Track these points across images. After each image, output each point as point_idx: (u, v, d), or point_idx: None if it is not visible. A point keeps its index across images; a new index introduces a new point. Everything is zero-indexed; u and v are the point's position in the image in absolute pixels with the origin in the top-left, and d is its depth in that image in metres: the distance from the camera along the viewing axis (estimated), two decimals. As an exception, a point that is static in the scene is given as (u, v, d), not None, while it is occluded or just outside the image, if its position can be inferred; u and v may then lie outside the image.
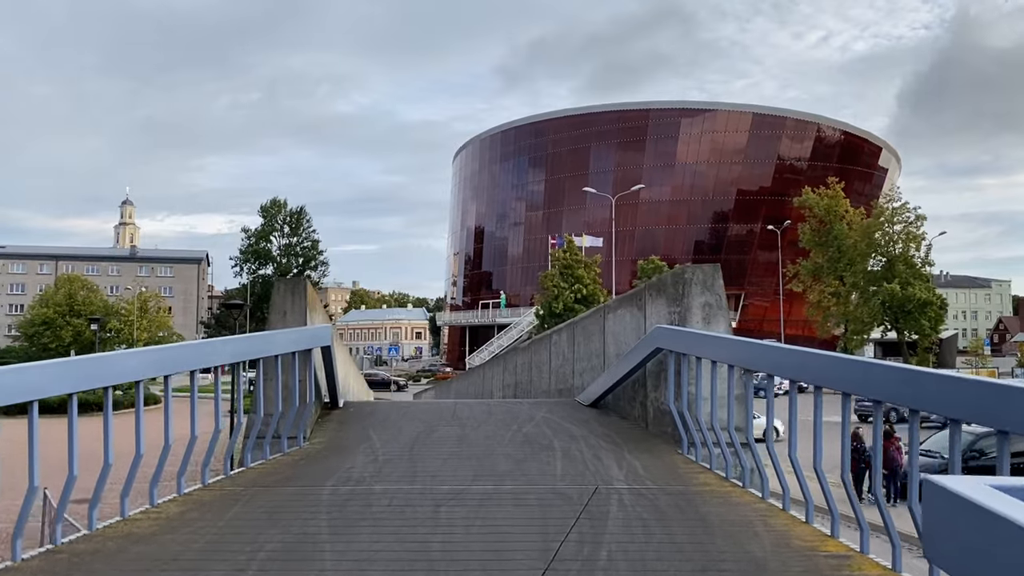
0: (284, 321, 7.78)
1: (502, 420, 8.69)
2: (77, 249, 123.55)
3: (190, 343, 5.74)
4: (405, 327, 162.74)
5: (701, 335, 6.33)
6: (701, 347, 6.28)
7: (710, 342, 6.15)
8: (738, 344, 5.70)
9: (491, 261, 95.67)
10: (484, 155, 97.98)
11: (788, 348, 5.12)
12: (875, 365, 4.35)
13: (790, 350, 5.08)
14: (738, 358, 5.59)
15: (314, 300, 8.46)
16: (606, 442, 7.50)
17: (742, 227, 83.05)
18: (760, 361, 5.25)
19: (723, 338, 6.00)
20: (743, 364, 5.52)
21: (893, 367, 4.09)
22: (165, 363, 5.40)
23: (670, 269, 63.36)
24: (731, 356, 5.79)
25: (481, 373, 20.85)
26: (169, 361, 5.43)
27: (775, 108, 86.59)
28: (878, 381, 4.06)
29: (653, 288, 8.09)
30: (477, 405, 9.93)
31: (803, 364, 4.61)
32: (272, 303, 7.84)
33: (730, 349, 5.80)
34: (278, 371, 6.80)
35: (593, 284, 61.36)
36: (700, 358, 6.39)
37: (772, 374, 5.26)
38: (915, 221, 56.02)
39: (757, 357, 5.26)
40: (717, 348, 6.02)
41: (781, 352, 5.09)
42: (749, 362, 5.40)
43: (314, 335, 7.41)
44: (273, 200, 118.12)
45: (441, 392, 31.21)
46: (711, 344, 6.12)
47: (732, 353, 5.77)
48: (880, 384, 4.01)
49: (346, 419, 8.87)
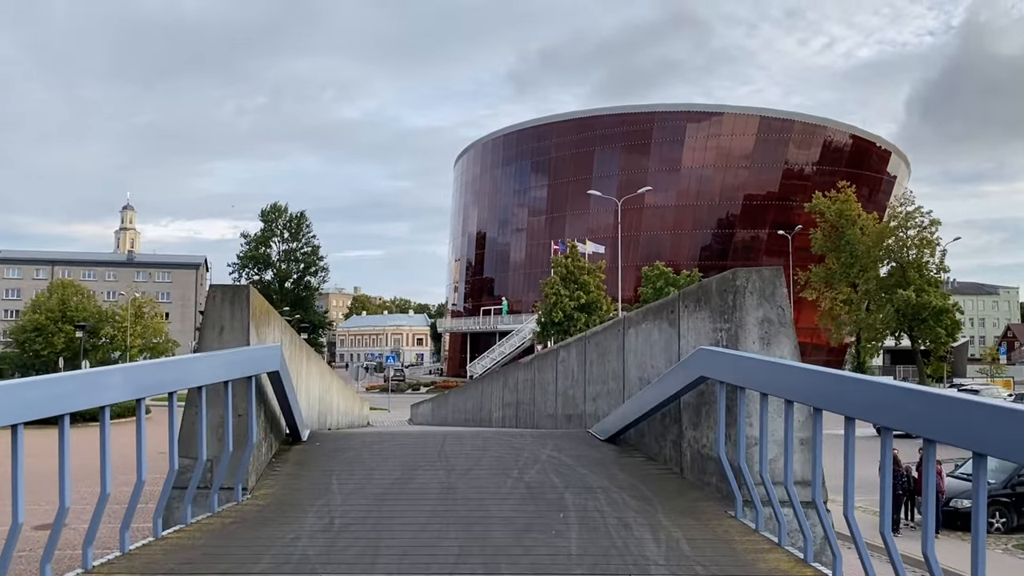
0: (220, 339, 6.10)
1: (499, 461, 6.99)
2: (74, 254, 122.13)
3: (51, 377, 4.08)
4: (406, 333, 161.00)
5: (769, 364, 4.62)
6: (768, 380, 4.58)
7: (782, 374, 4.45)
8: (827, 378, 3.99)
9: (493, 267, 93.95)
10: (486, 159, 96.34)
11: (918, 390, 3.42)
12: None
13: (923, 393, 3.38)
14: (834, 399, 3.89)
15: (264, 312, 6.77)
16: (633, 497, 5.80)
17: (749, 232, 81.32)
18: (882, 407, 3.53)
19: (800, 369, 4.30)
20: (841, 409, 3.82)
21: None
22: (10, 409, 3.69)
23: (675, 276, 62.11)
24: (815, 395, 4.09)
25: (479, 388, 19.15)
26: (17, 406, 3.72)
27: (782, 111, 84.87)
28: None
29: (690, 298, 6.40)
30: (470, 437, 8.22)
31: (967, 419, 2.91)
32: (205, 316, 6.16)
33: (815, 385, 4.09)
34: (202, 406, 5.11)
35: (596, 291, 59.61)
36: (767, 395, 4.69)
37: (904, 430, 3.52)
38: (929, 226, 54.36)
39: (878, 400, 3.54)
40: (793, 382, 4.31)
41: (912, 395, 3.38)
42: (856, 406, 3.68)
43: (253, 358, 5.72)
44: (273, 205, 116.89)
45: (437, 406, 29.52)
46: (783, 376, 4.42)
47: (818, 390, 4.07)
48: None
49: (307, 458, 7.17)
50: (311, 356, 10.79)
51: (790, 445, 4.50)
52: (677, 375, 6.04)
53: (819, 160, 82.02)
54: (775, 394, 4.53)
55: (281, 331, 7.79)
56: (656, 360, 7.13)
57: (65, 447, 3.81)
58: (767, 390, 4.60)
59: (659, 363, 7.05)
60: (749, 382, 4.83)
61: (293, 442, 7.87)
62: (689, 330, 6.39)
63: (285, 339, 8.09)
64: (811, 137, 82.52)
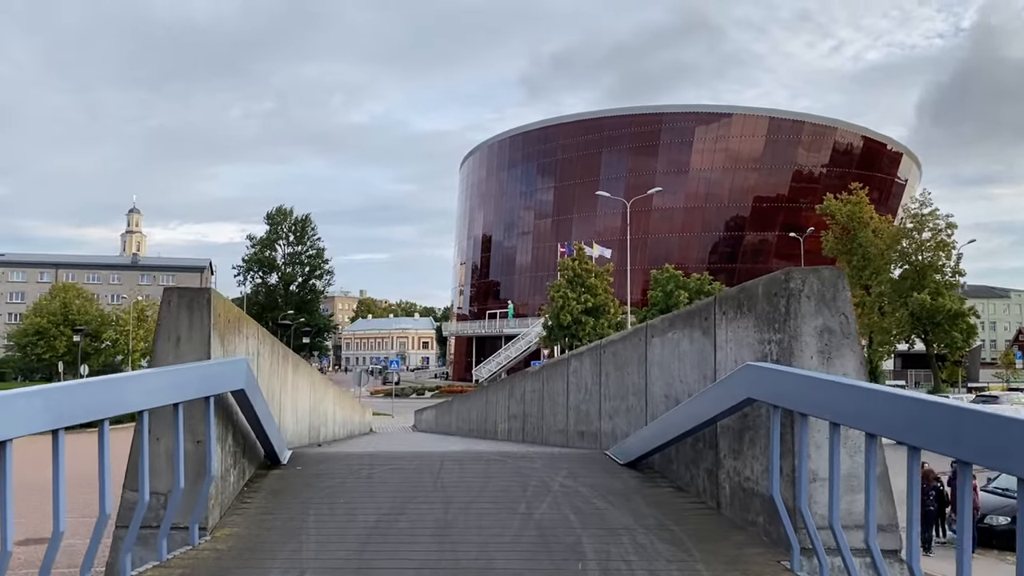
0: (176, 352, 5.17)
1: (504, 492, 6.05)
2: (78, 257, 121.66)
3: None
4: (412, 337, 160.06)
5: (847, 388, 3.64)
6: (844, 407, 3.62)
7: (864, 401, 3.48)
8: (937, 411, 3.03)
9: (499, 270, 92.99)
10: (491, 162, 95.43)
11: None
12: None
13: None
14: (946, 439, 2.94)
15: (233, 319, 5.84)
16: (664, 541, 4.85)
17: (758, 235, 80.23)
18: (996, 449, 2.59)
19: (890, 396, 3.35)
20: (955, 451, 2.87)
21: None
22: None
23: (685, 279, 61.31)
24: (919, 432, 3.13)
25: (484, 397, 18.18)
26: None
27: (792, 112, 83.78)
28: None
29: (730, 303, 5.44)
30: (471, 461, 7.26)
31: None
32: (159, 325, 5.22)
33: (918, 418, 3.13)
34: (143, 434, 4.19)
35: (604, 294, 58.63)
36: (838, 424, 3.73)
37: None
38: (945, 228, 53.17)
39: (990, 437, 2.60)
40: (882, 413, 3.35)
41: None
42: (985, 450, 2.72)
43: (211, 376, 4.77)
44: (279, 208, 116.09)
45: (441, 413, 28.57)
46: (867, 404, 3.45)
47: (921, 426, 3.11)
48: None
49: (284, 487, 6.24)
50: (299, 366, 9.87)
51: (872, 487, 3.54)
52: (716, 395, 5.08)
53: (829, 162, 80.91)
54: (856, 427, 3.57)
55: (257, 340, 6.86)
56: (686, 375, 6.18)
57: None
58: (844, 420, 3.64)
59: (690, 379, 6.09)
60: (816, 408, 3.87)
61: (272, 466, 6.94)
62: (728, 341, 5.44)
63: (263, 349, 7.16)
64: (821, 138, 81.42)
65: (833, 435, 3.76)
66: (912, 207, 56.54)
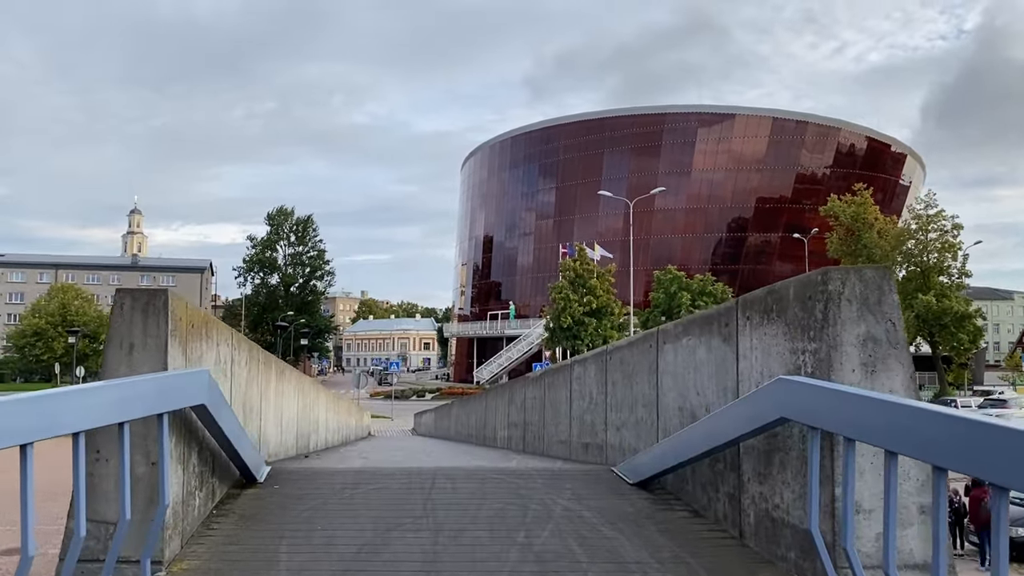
0: (129, 362, 4.57)
1: (501, 515, 5.44)
2: (78, 258, 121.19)
3: None
4: (413, 338, 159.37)
5: (914, 411, 3.03)
6: (908, 435, 3.00)
7: (934, 427, 2.87)
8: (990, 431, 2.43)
9: (500, 271, 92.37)
10: (493, 162, 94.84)
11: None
12: None
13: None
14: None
15: (198, 323, 5.24)
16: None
17: (761, 236, 79.59)
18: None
19: (970, 423, 2.75)
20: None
21: None
22: None
23: (688, 280, 60.82)
24: (999, 464, 2.52)
25: (483, 402, 17.56)
26: None
27: (796, 112, 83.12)
28: None
29: (755, 307, 4.84)
30: (465, 478, 6.64)
31: None
32: (110, 330, 4.62)
33: (996, 447, 2.52)
34: (78, 458, 3.58)
35: (606, 295, 58.01)
36: (895, 453, 3.12)
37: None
38: (951, 230, 52.52)
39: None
40: (956, 443, 2.74)
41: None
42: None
43: (164, 390, 4.16)
44: (280, 208, 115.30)
45: (440, 417, 27.96)
46: (939, 431, 2.84)
47: (997, 455, 2.50)
48: None
49: (257, 510, 5.63)
50: (284, 372, 9.26)
51: (941, 529, 2.92)
52: (742, 412, 4.47)
53: (833, 163, 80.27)
54: (926, 459, 2.95)
55: (231, 347, 6.26)
56: (703, 387, 5.57)
57: None
58: (908, 451, 3.03)
59: (708, 391, 5.48)
60: (871, 434, 3.26)
61: (247, 484, 6.33)
62: (753, 350, 4.83)
63: (238, 356, 6.56)
64: (825, 139, 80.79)
65: (890, 465, 3.15)
66: (917, 208, 55.92)
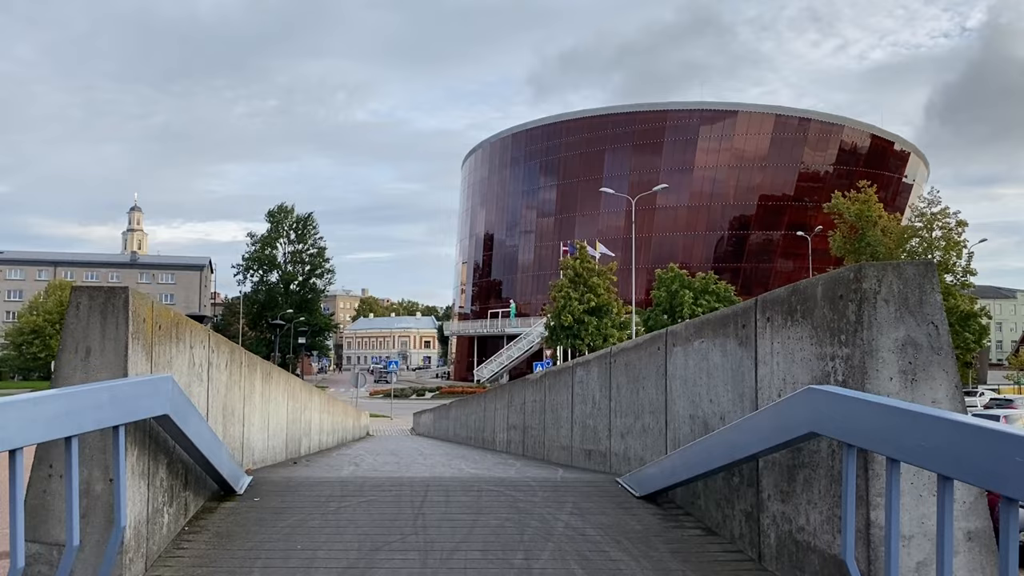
0: (86, 367, 4.13)
1: (497, 535, 5.00)
2: (77, 255, 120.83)
3: None
4: (414, 336, 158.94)
5: (965, 428, 2.59)
6: (964, 456, 2.57)
7: (994, 448, 2.43)
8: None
9: (500, 269, 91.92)
10: (494, 159, 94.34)
11: None
12: None
13: None
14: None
15: (167, 325, 4.80)
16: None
17: (764, 234, 79.11)
18: None
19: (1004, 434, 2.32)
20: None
21: None
22: None
23: (690, 278, 60.48)
24: None
25: (482, 404, 17.13)
26: None
27: (798, 110, 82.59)
28: None
29: (776, 307, 4.39)
30: (460, 491, 6.19)
31: None
32: (65, 332, 4.19)
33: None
34: (15, 477, 3.15)
35: (607, 294, 57.51)
36: (950, 478, 2.68)
37: None
38: (956, 227, 52.01)
39: None
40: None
41: None
42: None
43: (117, 401, 3.71)
44: (280, 206, 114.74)
45: (439, 417, 27.53)
46: (998, 454, 2.40)
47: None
48: None
49: (233, 527, 5.19)
50: (271, 375, 8.82)
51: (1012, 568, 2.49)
52: (764, 425, 4.03)
53: (836, 160, 79.76)
54: (991, 488, 2.51)
55: (208, 349, 5.82)
56: (717, 394, 5.12)
57: None
58: (969, 478, 2.59)
59: (722, 398, 5.04)
60: (921, 456, 2.82)
61: (226, 496, 5.90)
62: (773, 354, 4.39)
63: (217, 359, 6.13)
64: (828, 137, 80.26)
65: (945, 492, 2.72)
66: (921, 206, 55.41)
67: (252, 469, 7.48)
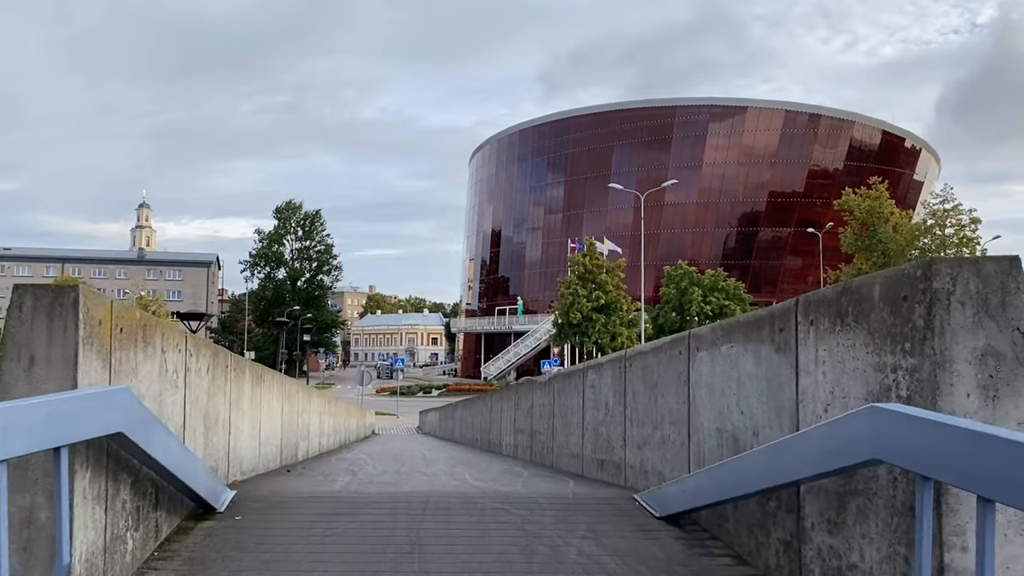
0: (29, 377, 3.60)
1: (502, 562, 4.45)
2: (84, 252, 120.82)
3: None
4: (421, 333, 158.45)
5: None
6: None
7: None
8: None
9: (508, 266, 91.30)
10: (501, 156, 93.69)
11: None
12: None
13: None
14: None
15: (129, 328, 4.27)
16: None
17: (773, 231, 78.32)
18: None
19: None
20: None
21: None
22: None
23: (699, 275, 60.06)
24: None
25: (488, 405, 16.57)
26: None
27: (808, 105, 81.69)
28: None
29: (823, 308, 3.83)
30: (462, 509, 5.63)
31: None
32: (6, 337, 3.65)
33: None
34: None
35: (616, 291, 56.86)
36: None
37: None
38: (970, 224, 51.23)
39: None
40: None
41: None
42: None
43: (57, 418, 3.16)
44: (288, 203, 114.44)
45: (445, 417, 27.01)
46: None
47: None
48: None
49: (207, 551, 4.66)
50: (263, 379, 8.28)
51: None
52: (812, 447, 3.47)
53: (846, 157, 78.85)
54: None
55: (183, 354, 5.28)
56: (750, 405, 4.56)
57: None
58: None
59: (756, 411, 4.48)
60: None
61: (204, 514, 5.37)
62: (818, 363, 3.83)
63: (195, 364, 5.59)
64: (838, 133, 79.33)
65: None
66: (934, 202, 54.60)
67: (239, 481, 6.96)
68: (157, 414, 4.68)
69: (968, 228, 50.96)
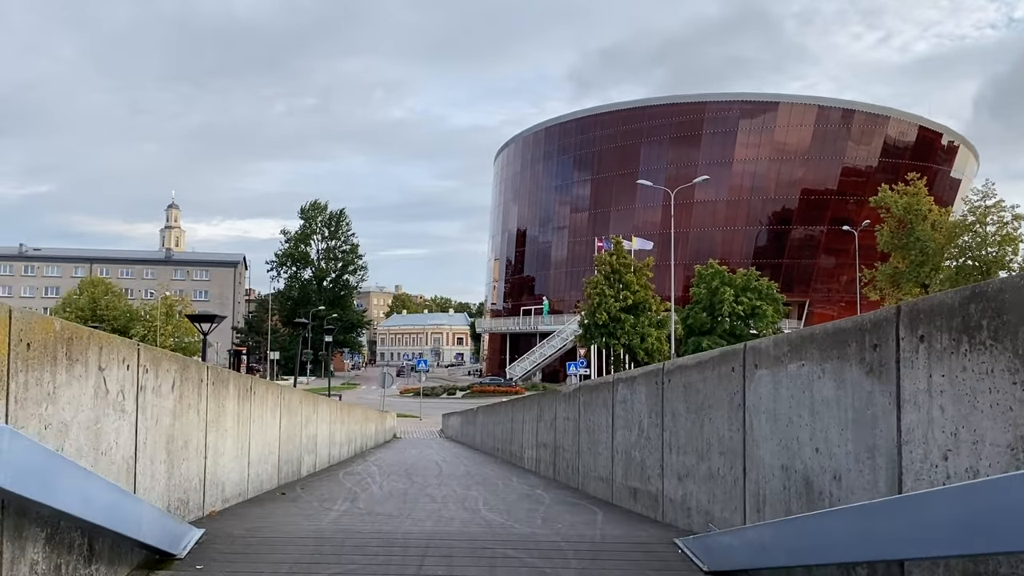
0: None
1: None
2: (112, 252, 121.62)
3: None
4: (446, 332, 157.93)
5: None
6: None
7: None
8: None
9: (533, 265, 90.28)
10: (526, 154, 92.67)
11: None
12: None
13: None
14: None
15: (52, 343, 3.39)
16: None
17: (806, 229, 76.58)
18: None
19: None
20: None
21: None
22: None
23: (731, 275, 58.69)
24: None
25: (510, 414, 15.64)
26: None
27: (842, 100, 79.79)
28: None
29: (936, 320, 2.84)
30: (468, 561, 4.64)
31: None
32: None
33: None
34: None
35: (644, 290, 55.66)
36: None
37: None
38: (1012, 221, 49.36)
39: None
40: None
41: None
42: None
43: None
44: (313, 203, 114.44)
45: (466, 422, 26.11)
46: None
47: None
48: None
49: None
50: (253, 391, 7.40)
51: None
52: (939, 514, 2.48)
53: (881, 153, 76.91)
54: None
55: (135, 371, 4.39)
56: (828, 440, 3.58)
57: None
58: None
59: (837, 448, 3.50)
60: None
61: (161, 562, 4.47)
62: (933, 393, 2.84)
63: (154, 382, 4.70)
64: (873, 128, 77.39)
65: None
66: (974, 199, 52.80)
67: (217, 511, 6.09)
68: (90, 447, 3.81)
69: (1011, 225, 49.15)
